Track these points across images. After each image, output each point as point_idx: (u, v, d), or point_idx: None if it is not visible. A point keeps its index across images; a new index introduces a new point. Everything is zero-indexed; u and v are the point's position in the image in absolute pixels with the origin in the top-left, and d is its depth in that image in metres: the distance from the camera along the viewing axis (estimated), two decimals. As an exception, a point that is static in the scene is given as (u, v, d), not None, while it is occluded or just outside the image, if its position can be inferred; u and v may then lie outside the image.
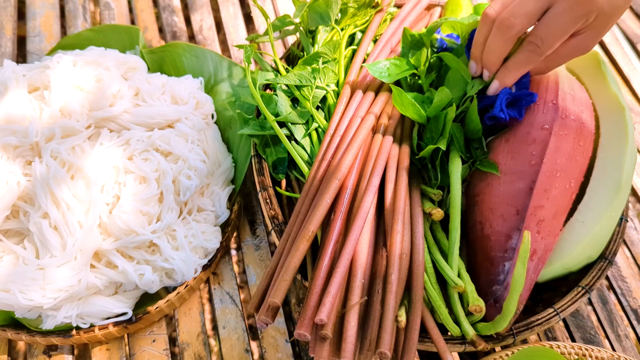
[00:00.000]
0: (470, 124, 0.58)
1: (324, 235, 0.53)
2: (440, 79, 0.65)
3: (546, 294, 0.63)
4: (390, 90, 0.64)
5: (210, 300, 0.67)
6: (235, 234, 0.71)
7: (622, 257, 0.73)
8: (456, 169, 0.57)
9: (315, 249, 0.58)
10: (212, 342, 0.68)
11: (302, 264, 0.59)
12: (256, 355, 0.65)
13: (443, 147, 0.57)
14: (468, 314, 0.55)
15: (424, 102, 0.60)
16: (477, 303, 0.52)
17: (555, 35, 0.52)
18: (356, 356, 0.49)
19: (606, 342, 0.67)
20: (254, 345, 0.65)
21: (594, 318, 0.69)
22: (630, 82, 0.88)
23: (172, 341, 0.65)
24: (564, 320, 0.69)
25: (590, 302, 0.70)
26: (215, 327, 0.65)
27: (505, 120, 0.58)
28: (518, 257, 0.47)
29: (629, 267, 0.72)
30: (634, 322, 0.69)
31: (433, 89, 0.63)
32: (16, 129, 0.60)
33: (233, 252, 0.72)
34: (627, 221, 0.63)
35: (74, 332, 0.59)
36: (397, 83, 0.66)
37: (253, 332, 0.69)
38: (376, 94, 0.64)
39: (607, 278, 0.71)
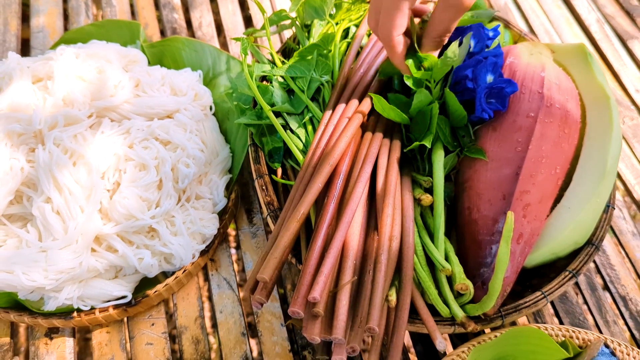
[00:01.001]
0: (454, 113, 0.60)
1: (318, 218, 0.55)
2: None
3: (535, 279, 0.65)
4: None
5: (208, 285, 0.69)
6: (232, 222, 0.73)
7: (610, 246, 0.74)
8: (439, 159, 0.58)
9: (310, 233, 0.60)
10: (210, 326, 0.69)
11: (297, 250, 0.61)
12: (252, 339, 0.67)
13: (428, 144, 0.58)
14: (457, 296, 0.57)
15: (406, 103, 0.61)
16: (463, 282, 0.53)
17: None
18: (347, 333, 0.50)
19: (595, 327, 0.68)
20: (250, 329, 0.67)
21: (582, 304, 0.70)
22: (620, 77, 0.90)
23: (171, 325, 0.67)
24: (553, 307, 0.70)
25: (579, 289, 0.71)
26: (212, 312, 0.67)
27: (490, 117, 0.60)
28: (502, 237, 0.49)
29: (617, 255, 0.74)
30: (622, 308, 0.70)
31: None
32: (20, 117, 0.62)
33: (230, 239, 0.74)
34: (614, 209, 0.65)
35: (75, 314, 0.61)
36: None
37: (249, 316, 0.70)
38: (369, 86, 0.66)
39: (596, 266, 0.73)
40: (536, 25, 0.95)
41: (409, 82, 0.59)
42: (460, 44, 0.59)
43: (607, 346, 0.57)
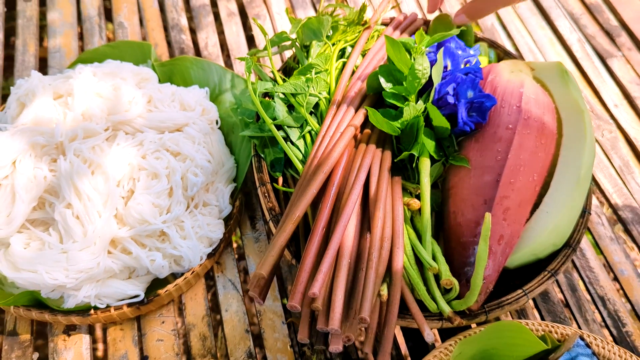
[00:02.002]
0: (438, 126, 0.65)
1: (314, 221, 0.61)
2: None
3: (518, 280, 0.70)
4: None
5: (214, 286, 0.74)
6: (236, 228, 0.78)
7: (590, 250, 0.79)
8: (425, 168, 0.64)
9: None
10: (216, 323, 0.74)
11: (298, 252, 0.66)
12: (255, 335, 0.71)
13: (416, 153, 0.64)
14: (444, 293, 0.62)
15: (395, 115, 0.67)
16: (448, 278, 0.58)
17: None
18: (343, 325, 0.55)
19: (575, 325, 0.73)
20: (253, 326, 0.72)
21: (563, 304, 0.75)
22: (600, 93, 0.96)
23: (180, 323, 0.72)
24: (537, 306, 0.75)
25: (560, 290, 0.76)
26: (218, 310, 0.72)
27: (471, 129, 0.66)
28: (481, 236, 0.54)
29: (596, 258, 0.79)
30: (600, 308, 0.75)
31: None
32: (43, 130, 0.67)
33: (235, 244, 0.79)
34: (590, 213, 0.70)
35: (92, 311, 0.66)
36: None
37: (252, 315, 0.75)
38: (362, 101, 0.72)
39: (576, 268, 0.78)
40: (521, 45, 1.01)
41: (386, 97, 0.65)
42: (433, 62, 0.65)
43: (582, 339, 0.62)
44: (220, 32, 1.03)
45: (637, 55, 1.00)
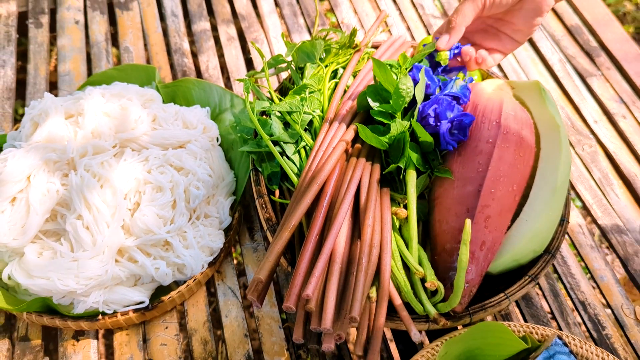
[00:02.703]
0: (423, 141, 0.70)
1: (308, 229, 0.65)
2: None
3: (502, 285, 0.74)
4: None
5: (215, 293, 0.78)
6: (236, 238, 0.82)
7: (571, 257, 0.84)
8: (411, 179, 0.69)
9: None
10: (216, 328, 0.78)
11: (293, 260, 0.71)
12: (254, 339, 0.75)
13: (402, 165, 0.69)
14: (431, 297, 0.66)
15: (383, 131, 0.72)
16: (432, 280, 0.63)
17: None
18: (335, 325, 0.60)
19: (557, 329, 0.77)
20: (252, 330, 0.76)
21: (546, 308, 0.79)
22: (580, 110, 1.01)
23: (182, 328, 0.76)
24: (520, 311, 0.79)
25: (543, 295, 0.81)
26: (219, 316, 0.76)
27: (454, 148, 0.71)
28: (462, 240, 0.59)
29: (577, 265, 0.83)
30: (581, 312, 0.79)
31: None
32: (56, 147, 0.72)
33: (234, 253, 0.83)
34: (568, 222, 0.75)
35: (100, 317, 0.70)
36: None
37: (251, 320, 0.79)
38: (353, 118, 0.77)
39: (558, 275, 0.82)
40: (505, 66, 1.07)
41: (374, 114, 0.70)
42: (416, 82, 0.71)
43: (560, 338, 0.66)
44: (221, 56, 1.09)
45: (616, 74, 1.06)
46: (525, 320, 0.78)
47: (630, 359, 0.75)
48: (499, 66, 1.07)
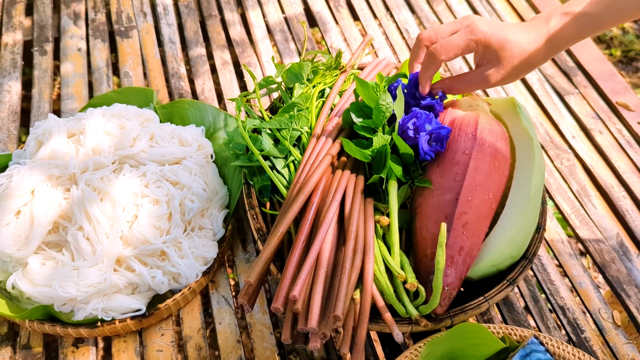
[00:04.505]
0: (403, 153, 0.75)
1: (296, 235, 0.69)
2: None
3: (483, 290, 0.78)
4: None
5: (209, 302, 0.81)
6: (229, 250, 0.86)
7: (551, 264, 0.88)
8: (393, 189, 0.73)
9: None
10: (210, 335, 0.81)
11: (282, 267, 0.74)
12: (246, 345, 0.79)
13: (384, 176, 0.74)
14: (413, 300, 0.70)
15: (367, 145, 0.77)
16: (412, 281, 0.67)
17: (448, 46, 0.70)
18: (320, 324, 0.63)
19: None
20: (244, 337, 0.79)
21: (527, 313, 0.83)
22: (558, 126, 1.06)
23: (177, 335, 0.79)
24: (502, 315, 0.83)
25: (524, 300, 0.84)
26: (212, 324, 0.79)
27: (432, 158, 0.75)
28: (438, 243, 0.63)
29: (557, 272, 0.87)
30: (561, 317, 0.82)
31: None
32: (58, 164, 0.77)
33: (227, 264, 0.87)
34: (544, 229, 0.79)
35: (98, 324, 0.74)
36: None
37: (243, 327, 0.82)
38: (339, 133, 0.82)
39: (538, 281, 0.86)
40: (487, 85, 1.12)
41: (357, 129, 0.75)
42: (394, 97, 0.76)
43: (536, 337, 0.70)
44: (215, 79, 1.14)
45: (592, 92, 1.11)
46: (507, 324, 0.81)
47: (608, 361, 0.78)
48: (481, 86, 1.13)
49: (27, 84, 1.12)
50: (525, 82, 1.13)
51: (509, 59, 0.70)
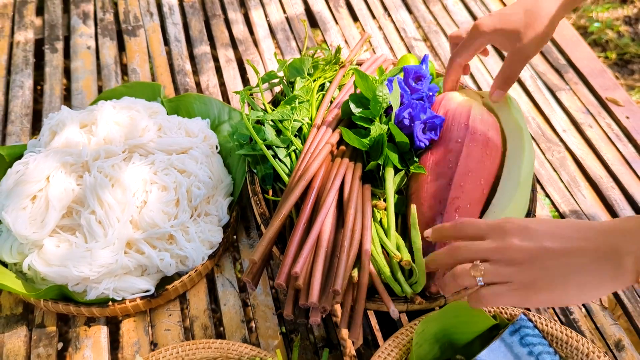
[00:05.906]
0: (400, 142, 0.79)
1: (297, 217, 0.73)
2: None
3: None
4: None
5: (214, 284, 0.85)
6: (233, 235, 0.90)
7: (541, 251, 0.91)
8: (389, 175, 0.77)
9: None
10: (215, 316, 0.85)
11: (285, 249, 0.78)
12: (250, 325, 0.82)
13: (381, 162, 0.78)
14: (408, 279, 0.74)
15: (365, 134, 0.81)
16: (407, 259, 0.70)
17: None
18: (320, 299, 0.67)
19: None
20: (248, 317, 0.83)
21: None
22: (550, 121, 1.10)
23: (184, 315, 0.83)
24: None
25: (515, 285, 0.88)
26: (217, 305, 0.83)
27: (426, 146, 0.79)
28: (410, 224, 0.67)
29: (547, 258, 0.91)
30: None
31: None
32: (72, 152, 0.81)
33: (232, 249, 0.91)
34: (535, 216, 0.82)
35: (110, 303, 0.78)
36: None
37: (247, 308, 0.86)
38: (338, 124, 0.86)
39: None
40: (481, 82, 1.17)
41: (355, 119, 0.79)
42: (390, 89, 0.80)
43: (525, 315, 0.73)
44: (220, 76, 1.18)
45: (583, 88, 1.15)
46: (499, 307, 0.85)
47: (596, 341, 0.82)
48: (475, 83, 1.17)
49: (39, 80, 1.16)
50: (518, 79, 1.17)
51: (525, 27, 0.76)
